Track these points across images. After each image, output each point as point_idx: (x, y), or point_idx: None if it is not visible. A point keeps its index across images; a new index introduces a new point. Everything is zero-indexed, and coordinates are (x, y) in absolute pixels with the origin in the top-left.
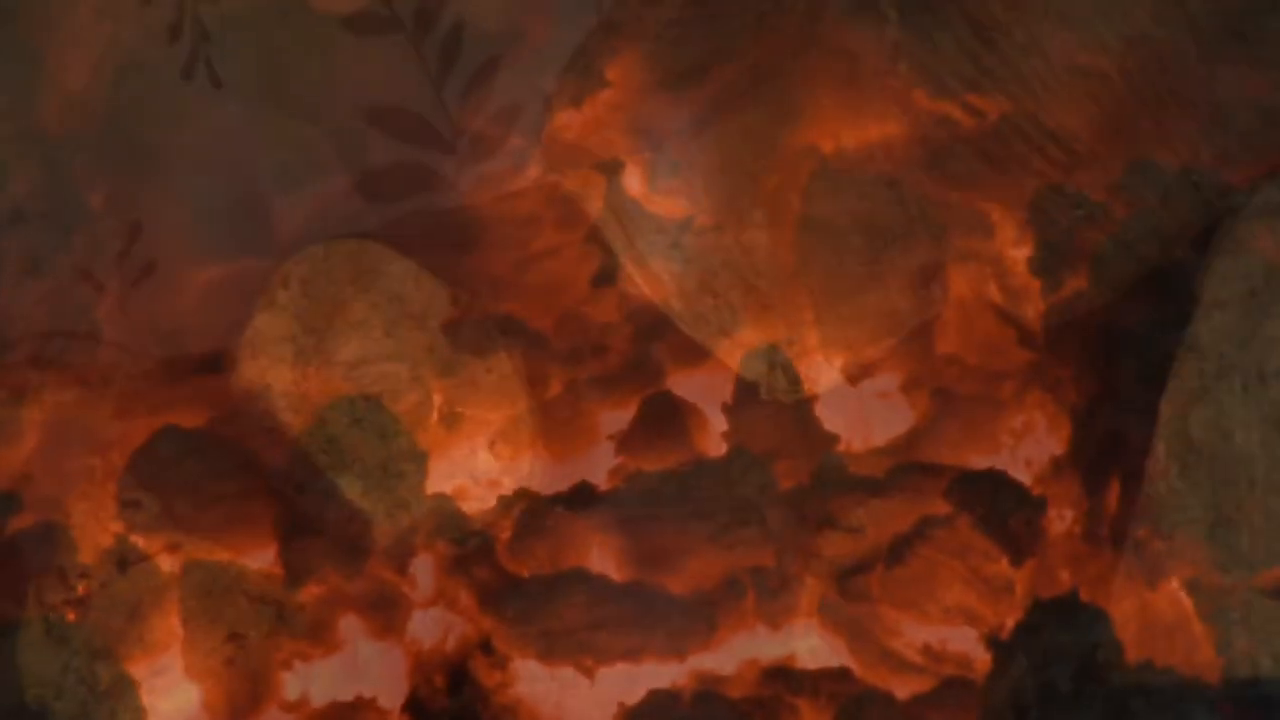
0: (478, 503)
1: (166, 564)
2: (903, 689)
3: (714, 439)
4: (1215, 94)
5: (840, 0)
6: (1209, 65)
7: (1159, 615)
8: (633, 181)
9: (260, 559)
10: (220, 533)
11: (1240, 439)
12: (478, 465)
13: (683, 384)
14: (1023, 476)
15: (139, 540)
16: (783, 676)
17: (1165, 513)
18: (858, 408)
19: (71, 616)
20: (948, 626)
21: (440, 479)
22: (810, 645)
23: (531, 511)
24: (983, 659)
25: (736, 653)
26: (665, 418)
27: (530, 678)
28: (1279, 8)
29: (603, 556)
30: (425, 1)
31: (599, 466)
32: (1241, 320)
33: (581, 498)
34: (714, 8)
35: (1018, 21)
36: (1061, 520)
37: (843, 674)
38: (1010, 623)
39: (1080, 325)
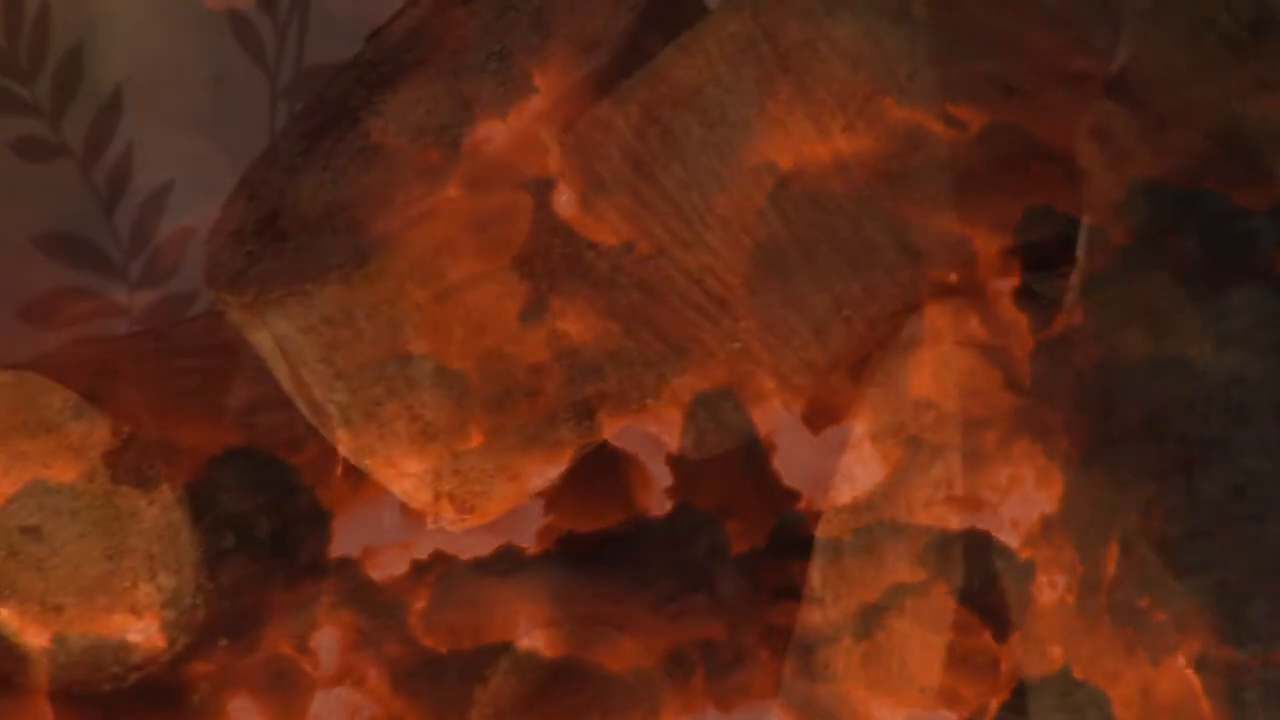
0: (388, 569)
1: (34, 638)
2: None
3: (657, 496)
4: (1220, 111)
5: None
6: (1212, 79)
7: (1164, 696)
8: (565, 202)
9: (140, 631)
10: (93, 603)
11: (1254, 494)
12: (387, 525)
13: (622, 433)
14: (1008, 538)
15: (0, 611)
16: None
17: (1169, 580)
18: (820, 460)
19: None
20: (923, 709)
21: (345, 541)
22: None
23: (449, 578)
24: None
25: None
26: (601, 471)
27: None
28: None
29: (530, 629)
30: (94, 127)
31: (526, 527)
32: (1257, 357)
33: (506, 562)
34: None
35: (993, 17)
36: (1052, 588)
37: None
38: (994, 705)
39: (1074, 365)
